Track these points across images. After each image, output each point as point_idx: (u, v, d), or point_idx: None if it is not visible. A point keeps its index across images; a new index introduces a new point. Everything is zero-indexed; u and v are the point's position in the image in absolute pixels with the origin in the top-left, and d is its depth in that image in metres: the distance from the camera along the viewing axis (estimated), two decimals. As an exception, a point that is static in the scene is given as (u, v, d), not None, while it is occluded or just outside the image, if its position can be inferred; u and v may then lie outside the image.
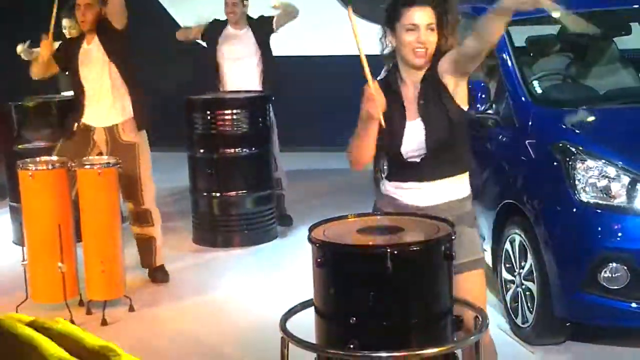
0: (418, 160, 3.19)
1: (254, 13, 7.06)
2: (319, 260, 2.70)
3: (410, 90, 3.22)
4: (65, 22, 6.59)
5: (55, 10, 5.42)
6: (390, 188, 3.29)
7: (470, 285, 3.20)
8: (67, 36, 6.49)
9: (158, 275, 5.67)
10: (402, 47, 3.18)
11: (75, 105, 5.54)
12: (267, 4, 6.88)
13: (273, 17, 6.91)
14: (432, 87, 3.17)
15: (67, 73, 5.68)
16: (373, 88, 3.03)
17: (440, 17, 3.16)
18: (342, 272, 2.69)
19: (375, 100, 3.02)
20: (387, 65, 3.32)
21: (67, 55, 5.52)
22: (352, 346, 2.62)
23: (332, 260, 2.70)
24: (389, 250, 2.62)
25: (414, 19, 3.13)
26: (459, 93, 3.18)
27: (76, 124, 5.47)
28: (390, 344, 2.63)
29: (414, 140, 3.17)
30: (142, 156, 5.51)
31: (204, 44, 7.12)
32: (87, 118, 5.48)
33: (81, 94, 5.48)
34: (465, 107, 3.22)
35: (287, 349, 2.86)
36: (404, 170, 3.23)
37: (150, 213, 5.58)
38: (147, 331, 4.98)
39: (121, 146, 5.41)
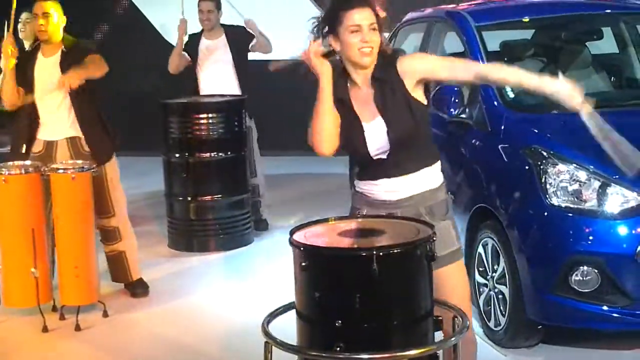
0: (384, 157, 3.25)
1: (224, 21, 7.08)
2: (303, 264, 2.70)
3: (363, 91, 3.27)
4: (23, 15, 6.41)
5: (13, 14, 5.17)
6: (363, 186, 3.35)
7: (450, 279, 3.26)
8: (22, 30, 6.33)
9: (137, 289, 5.54)
10: (348, 49, 3.22)
11: (30, 120, 5.28)
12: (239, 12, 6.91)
13: (252, 35, 6.95)
14: (387, 85, 3.22)
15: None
16: (312, 50, 3.13)
17: (377, 17, 3.23)
18: (328, 275, 2.70)
19: (309, 52, 3.13)
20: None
21: (22, 68, 5.25)
22: (338, 349, 2.64)
23: (317, 264, 2.70)
24: (375, 252, 2.64)
25: (356, 20, 3.19)
26: (417, 91, 3.25)
27: (36, 141, 5.28)
28: (374, 346, 2.65)
29: (377, 139, 3.23)
30: (109, 165, 5.38)
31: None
32: (46, 134, 5.28)
33: (37, 109, 5.25)
34: (425, 102, 3.28)
35: (270, 353, 2.86)
36: (373, 168, 3.27)
37: (119, 230, 5.44)
38: (122, 337, 4.96)
39: (84, 157, 5.23)
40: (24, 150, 5.25)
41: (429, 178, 3.30)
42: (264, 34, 7.02)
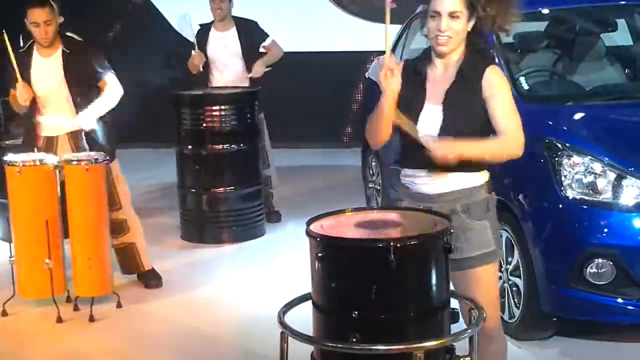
0: None
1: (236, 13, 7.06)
2: (319, 254, 2.71)
3: (438, 73, 3.21)
4: None
5: (11, 50, 5.13)
6: (403, 177, 3.29)
7: (482, 280, 3.20)
8: None
9: (151, 280, 5.55)
10: (428, 32, 3.19)
11: (30, 117, 5.27)
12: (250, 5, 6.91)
13: (264, 34, 6.93)
14: (469, 84, 3.14)
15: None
16: (389, 61, 3.04)
17: (472, 4, 3.12)
18: (344, 266, 2.70)
19: (389, 72, 3.04)
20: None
21: (19, 68, 5.18)
22: (354, 340, 2.64)
23: (334, 255, 2.71)
24: (392, 244, 2.64)
25: (436, 6, 3.13)
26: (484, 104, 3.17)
27: (38, 138, 5.28)
28: (390, 337, 2.66)
29: (431, 123, 3.15)
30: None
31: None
32: (47, 130, 5.28)
33: (36, 107, 5.24)
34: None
35: (286, 343, 2.87)
36: (415, 157, 3.16)
37: (126, 221, 5.45)
38: (135, 327, 4.97)
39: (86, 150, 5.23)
40: (35, 151, 5.23)
41: (469, 179, 3.19)
42: (269, 53, 6.94)
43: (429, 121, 3.15)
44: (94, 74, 5.27)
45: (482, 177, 3.23)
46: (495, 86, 3.14)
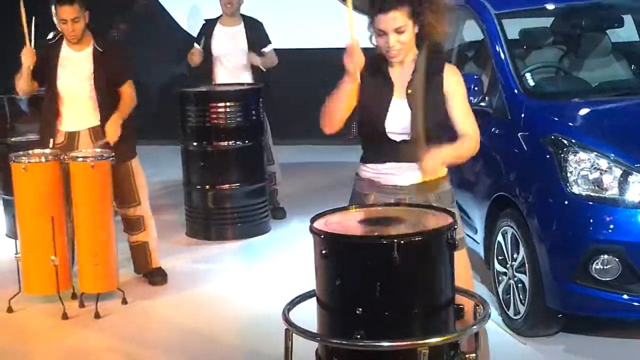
0: (397, 140, 3.27)
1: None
2: (323, 251, 2.71)
3: (399, 72, 3.31)
4: None
5: (24, 15, 5.12)
6: (369, 171, 3.38)
7: (456, 267, 3.21)
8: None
9: (156, 277, 5.56)
10: (378, 46, 3.30)
11: (51, 111, 5.29)
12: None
13: (268, 39, 6.93)
14: (429, 78, 3.25)
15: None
16: (354, 44, 3.14)
17: (415, 12, 3.21)
18: (349, 263, 2.70)
19: (353, 54, 3.14)
20: None
21: (45, 60, 5.24)
22: (358, 336, 2.64)
23: (338, 252, 2.71)
24: (396, 240, 2.64)
25: (380, 25, 3.23)
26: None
27: (58, 133, 5.28)
28: (395, 334, 2.65)
29: (398, 118, 3.26)
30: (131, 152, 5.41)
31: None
32: (68, 125, 5.29)
33: (59, 101, 5.26)
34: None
35: (291, 340, 2.87)
36: (382, 151, 3.28)
37: (143, 219, 5.47)
38: (141, 324, 4.98)
39: (107, 145, 5.23)
40: (51, 145, 5.24)
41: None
42: (266, 56, 6.91)
43: (397, 115, 3.27)
44: (119, 75, 5.29)
45: (445, 169, 3.37)
46: (456, 83, 3.31)
